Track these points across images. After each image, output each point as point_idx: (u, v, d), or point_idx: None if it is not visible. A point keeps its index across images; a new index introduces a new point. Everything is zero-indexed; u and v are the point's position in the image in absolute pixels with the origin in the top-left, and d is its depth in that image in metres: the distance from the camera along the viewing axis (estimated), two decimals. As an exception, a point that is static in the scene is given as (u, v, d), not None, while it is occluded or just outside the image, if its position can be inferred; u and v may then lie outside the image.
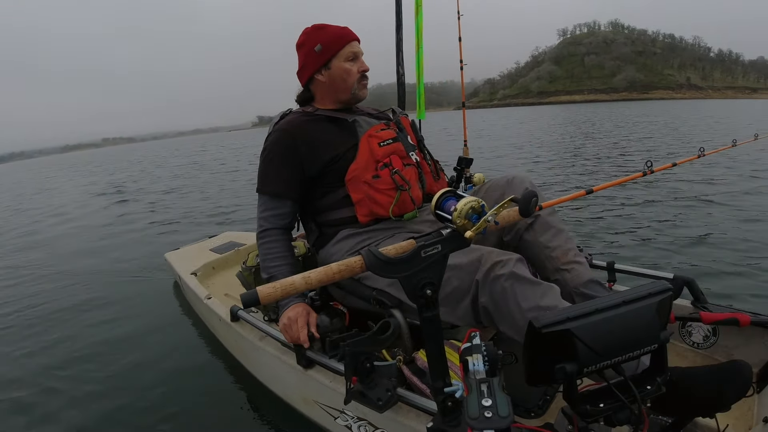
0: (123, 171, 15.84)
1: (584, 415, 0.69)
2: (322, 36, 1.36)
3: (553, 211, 1.31)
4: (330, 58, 1.36)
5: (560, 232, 1.26)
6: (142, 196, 8.51)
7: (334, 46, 1.35)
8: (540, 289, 1.01)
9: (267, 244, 1.34)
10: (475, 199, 0.76)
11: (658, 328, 0.68)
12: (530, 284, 1.01)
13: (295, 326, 1.21)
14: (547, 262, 1.24)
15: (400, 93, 2.20)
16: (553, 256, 1.23)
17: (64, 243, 5.11)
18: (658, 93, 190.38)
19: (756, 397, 1.13)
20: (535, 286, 1.01)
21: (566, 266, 1.21)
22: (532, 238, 1.26)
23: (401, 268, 0.76)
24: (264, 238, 1.35)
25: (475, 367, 0.69)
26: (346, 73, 1.37)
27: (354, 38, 1.38)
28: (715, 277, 2.58)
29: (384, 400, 1.01)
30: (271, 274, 1.30)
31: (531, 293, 1.00)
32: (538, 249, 1.25)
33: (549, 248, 1.24)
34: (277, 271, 1.29)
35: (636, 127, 14.85)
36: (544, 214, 1.27)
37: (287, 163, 1.33)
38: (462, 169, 1.87)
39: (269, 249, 1.34)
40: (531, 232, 1.27)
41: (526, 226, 1.28)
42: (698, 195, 4.63)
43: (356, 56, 1.38)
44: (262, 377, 1.70)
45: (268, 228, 1.36)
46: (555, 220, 1.29)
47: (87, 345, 2.34)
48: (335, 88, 1.39)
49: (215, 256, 2.57)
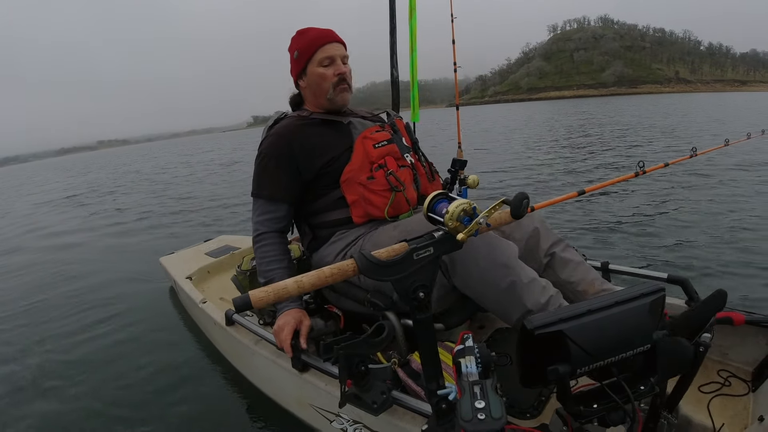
0: (120, 176, 15.78)
1: (578, 415, 0.69)
2: (300, 41, 1.36)
3: (566, 246, 1.28)
4: (305, 63, 1.36)
5: (579, 265, 1.24)
6: (137, 199, 8.47)
7: (307, 52, 1.34)
8: (500, 246, 1.02)
9: (263, 247, 1.33)
10: (466, 202, 0.76)
11: (651, 328, 0.68)
12: (498, 240, 1.02)
13: (282, 334, 1.21)
14: (576, 297, 1.20)
15: (394, 95, 2.21)
16: (579, 290, 1.21)
17: (59, 248, 5.08)
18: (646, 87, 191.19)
19: (751, 395, 1.13)
20: (495, 242, 1.02)
21: (598, 296, 1.19)
22: (552, 277, 1.22)
23: (393, 270, 0.75)
24: (260, 242, 1.34)
25: (468, 369, 0.69)
26: (321, 78, 1.34)
27: (329, 41, 1.34)
28: (709, 276, 2.59)
29: (379, 403, 1.00)
30: (268, 278, 1.28)
31: (490, 248, 1.01)
32: (562, 287, 1.21)
33: (573, 283, 1.22)
34: (274, 275, 1.28)
35: (626, 124, 14.93)
36: (558, 250, 1.25)
37: (283, 167, 1.33)
38: (456, 170, 1.86)
39: (266, 252, 1.32)
40: (549, 272, 1.25)
41: (543, 267, 1.25)
42: (691, 195, 4.65)
43: (332, 60, 1.34)
44: (258, 381, 1.69)
45: (264, 232, 1.34)
46: (570, 253, 1.26)
47: (81, 349, 2.33)
48: (315, 93, 1.39)
49: (210, 260, 2.56)
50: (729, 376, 1.21)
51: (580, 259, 1.26)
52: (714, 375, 1.22)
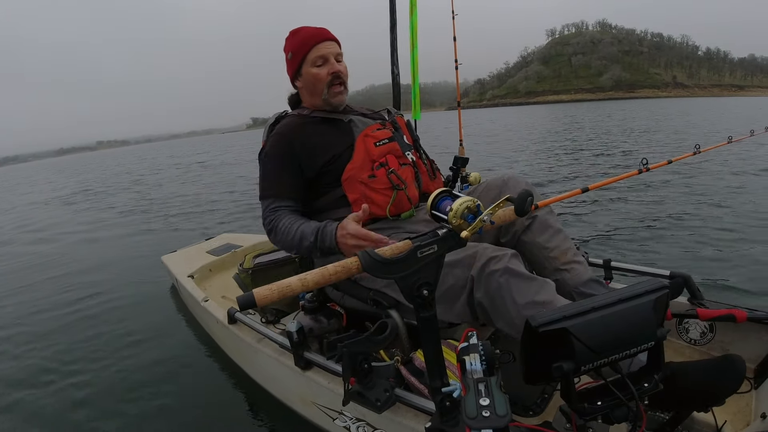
0: (120, 176, 15.80)
1: (582, 413, 0.69)
2: (293, 42, 1.35)
3: (550, 210, 1.30)
4: (300, 64, 1.35)
5: (558, 232, 1.26)
6: (137, 198, 8.48)
7: (300, 52, 1.33)
8: (535, 285, 1.01)
9: (282, 220, 1.26)
10: (470, 199, 0.75)
11: (655, 325, 0.68)
12: (525, 279, 1.01)
13: (356, 239, 1.09)
14: (546, 263, 1.23)
15: (395, 93, 2.20)
16: (551, 257, 1.22)
17: (59, 247, 5.09)
18: (644, 92, 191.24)
19: (754, 393, 1.13)
20: (531, 282, 1.01)
21: (566, 266, 1.21)
22: (530, 238, 1.25)
23: (397, 268, 0.75)
24: (274, 222, 1.27)
25: (473, 366, 0.69)
26: (315, 79, 1.34)
27: (321, 39, 1.33)
28: (711, 273, 2.59)
29: (382, 401, 1.00)
30: (299, 237, 1.21)
31: (526, 288, 1.00)
32: (537, 249, 1.24)
33: (547, 248, 1.23)
34: (303, 228, 1.21)
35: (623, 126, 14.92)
36: (541, 214, 1.27)
37: (286, 167, 1.32)
38: (458, 168, 1.86)
39: (286, 223, 1.25)
40: (529, 233, 1.26)
41: (524, 227, 1.27)
42: (695, 191, 4.65)
43: (325, 59, 1.33)
44: (261, 379, 1.70)
45: (275, 216, 1.28)
46: (552, 219, 1.28)
47: (83, 348, 2.34)
48: (311, 93, 1.38)
49: (212, 258, 2.56)
50: (732, 373, 1.21)
51: (560, 227, 1.27)
52: None
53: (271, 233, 1.29)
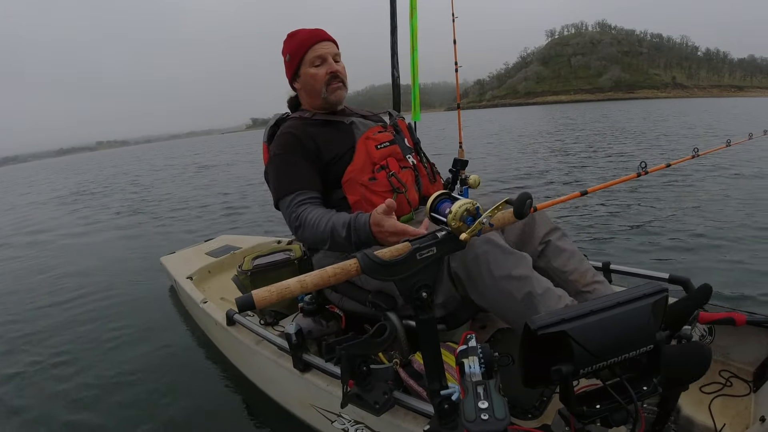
0: (120, 176, 15.79)
1: (581, 416, 0.69)
2: (291, 44, 1.36)
3: (562, 234, 1.27)
4: (298, 66, 1.35)
5: (573, 254, 1.23)
6: (136, 199, 8.47)
7: (297, 54, 1.34)
8: (513, 258, 1.01)
9: (309, 213, 1.19)
10: (470, 201, 0.75)
11: (654, 328, 0.68)
12: (504, 252, 1.01)
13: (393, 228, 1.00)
14: (566, 287, 1.18)
15: (395, 95, 2.20)
16: (571, 280, 1.20)
17: (59, 247, 5.08)
18: (643, 92, 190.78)
19: (753, 396, 1.13)
20: (509, 255, 1.01)
21: (587, 288, 1.18)
22: (545, 264, 1.23)
23: (396, 270, 0.75)
24: (303, 215, 1.19)
25: (471, 369, 0.69)
26: (313, 79, 1.34)
27: (318, 40, 1.33)
28: (710, 277, 2.59)
29: (381, 403, 1.00)
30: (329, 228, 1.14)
31: (504, 261, 1.00)
32: (554, 275, 1.21)
33: (565, 272, 1.21)
34: (334, 220, 1.14)
35: (623, 128, 14.96)
36: (553, 239, 1.25)
37: (304, 158, 1.29)
38: (458, 170, 1.86)
39: (315, 216, 1.17)
40: (543, 259, 1.24)
41: (537, 253, 1.24)
42: (694, 194, 4.65)
43: (323, 59, 1.33)
44: (259, 381, 1.69)
45: (302, 202, 1.23)
46: (566, 243, 1.26)
47: (81, 349, 2.33)
48: (309, 94, 1.38)
49: (211, 260, 2.56)
50: (730, 376, 1.21)
51: (574, 249, 1.26)
52: (715, 375, 1.22)
53: (299, 229, 1.21)
